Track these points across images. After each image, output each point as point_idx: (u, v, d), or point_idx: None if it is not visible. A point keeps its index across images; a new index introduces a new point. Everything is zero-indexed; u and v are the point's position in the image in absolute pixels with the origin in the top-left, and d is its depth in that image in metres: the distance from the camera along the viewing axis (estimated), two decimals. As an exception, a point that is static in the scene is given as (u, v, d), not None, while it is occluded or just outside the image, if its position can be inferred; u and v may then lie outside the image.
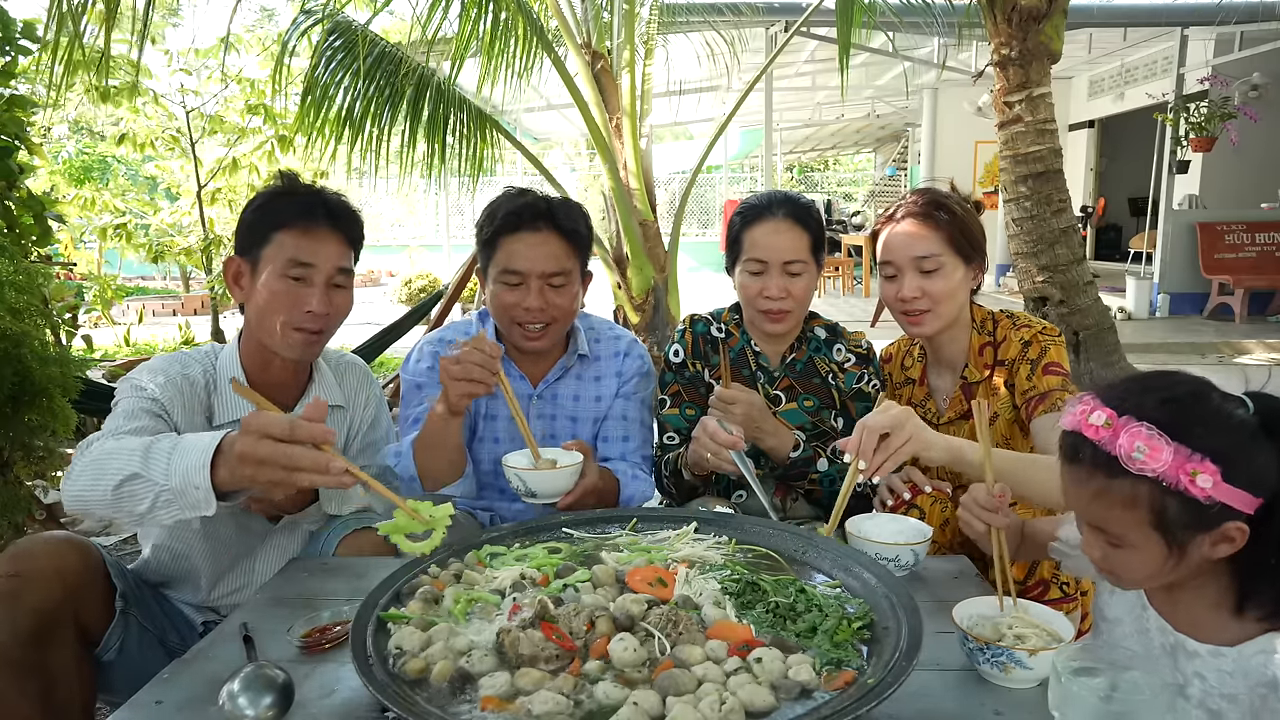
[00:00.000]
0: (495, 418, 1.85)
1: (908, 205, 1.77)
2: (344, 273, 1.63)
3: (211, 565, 1.65)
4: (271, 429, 1.09)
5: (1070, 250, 4.76)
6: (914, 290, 1.72)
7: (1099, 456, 0.98)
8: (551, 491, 1.55)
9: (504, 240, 1.75)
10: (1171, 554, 0.98)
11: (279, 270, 1.56)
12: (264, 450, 1.08)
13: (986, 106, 8.93)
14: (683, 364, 1.93)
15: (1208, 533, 0.96)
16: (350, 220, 1.66)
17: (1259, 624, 1.00)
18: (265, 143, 6.62)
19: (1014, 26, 4.59)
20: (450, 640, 1.04)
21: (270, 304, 1.57)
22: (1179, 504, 0.95)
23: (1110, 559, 1.03)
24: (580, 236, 1.80)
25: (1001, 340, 1.78)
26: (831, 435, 1.89)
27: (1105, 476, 0.98)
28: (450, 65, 3.88)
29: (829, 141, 19.96)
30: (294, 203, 1.61)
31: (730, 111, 5.67)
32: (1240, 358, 7.12)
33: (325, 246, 1.59)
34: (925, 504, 1.63)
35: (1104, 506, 1.00)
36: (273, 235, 1.58)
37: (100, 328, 7.11)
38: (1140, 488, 0.96)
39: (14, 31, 2.99)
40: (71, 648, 1.37)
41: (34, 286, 2.43)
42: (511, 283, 1.74)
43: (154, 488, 1.17)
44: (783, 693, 0.94)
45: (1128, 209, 13.22)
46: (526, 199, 1.78)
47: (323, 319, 1.59)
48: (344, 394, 1.76)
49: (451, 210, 14.48)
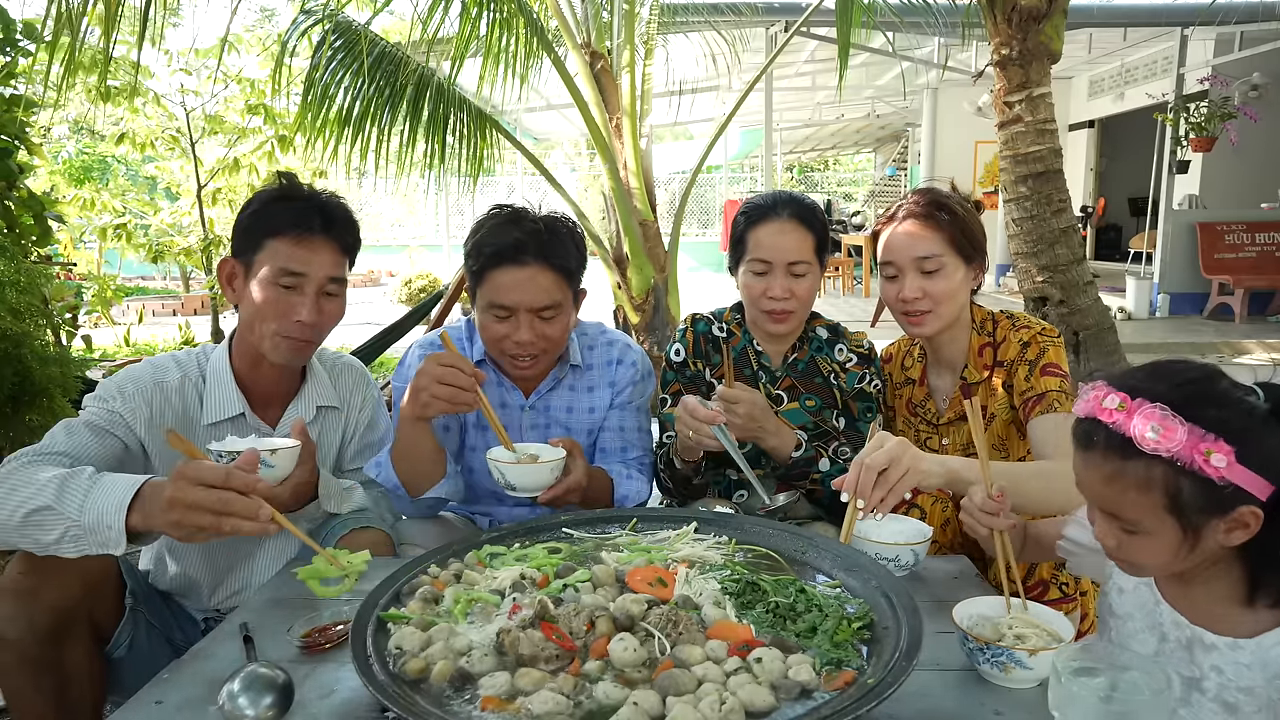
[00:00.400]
0: (486, 429, 1.84)
1: (909, 205, 1.77)
2: (336, 282, 1.62)
3: (210, 574, 1.65)
4: (206, 476, 1.13)
5: (1070, 250, 4.76)
6: (915, 291, 1.72)
7: (1113, 439, 0.98)
8: (531, 486, 1.54)
9: (492, 274, 1.66)
10: (1186, 539, 0.98)
11: (271, 278, 1.55)
12: (197, 496, 1.12)
13: (986, 106, 8.94)
14: (684, 363, 1.93)
15: (1222, 516, 0.97)
16: (346, 227, 1.64)
17: (1271, 612, 1.01)
18: (265, 143, 6.62)
19: (1014, 26, 4.59)
20: (450, 640, 1.04)
21: (261, 310, 1.56)
22: (1193, 486, 0.95)
23: (1125, 547, 1.03)
24: (571, 270, 1.71)
25: (1001, 341, 1.77)
26: (833, 435, 1.89)
27: (1119, 459, 0.98)
28: (450, 65, 3.88)
29: (829, 141, 19.96)
30: (289, 209, 1.58)
31: (730, 111, 5.67)
32: (1240, 358, 7.13)
33: (318, 256, 1.58)
34: (926, 504, 1.63)
35: (1118, 490, 1.00)
36: (266, 242, 1.56)
37: (100, 328, 7.11)
38: (1155, 469, 0.96)
39: (14, 32, 2.99)
40: (85, 645, 1.38)
41: (34, 287, 2.43)
42: (500, 315, 1.68)
43: (64, 521, 1.20)
44: (783, 693, 0.94)
45: (1128, 209, 13.22)
46: (515, 232, 1.65)
47: (312, 328, 1.58)
48: (339, 395, 1.75)
49: (451, 210, 14.47)
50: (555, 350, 1.78)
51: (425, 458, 1.65)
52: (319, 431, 1.70)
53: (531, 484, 1.53)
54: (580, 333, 1.89)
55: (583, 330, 1.90)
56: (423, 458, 1.64)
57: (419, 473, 1.66)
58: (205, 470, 1.15)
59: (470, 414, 1.82)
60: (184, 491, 1.13)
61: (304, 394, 1.69)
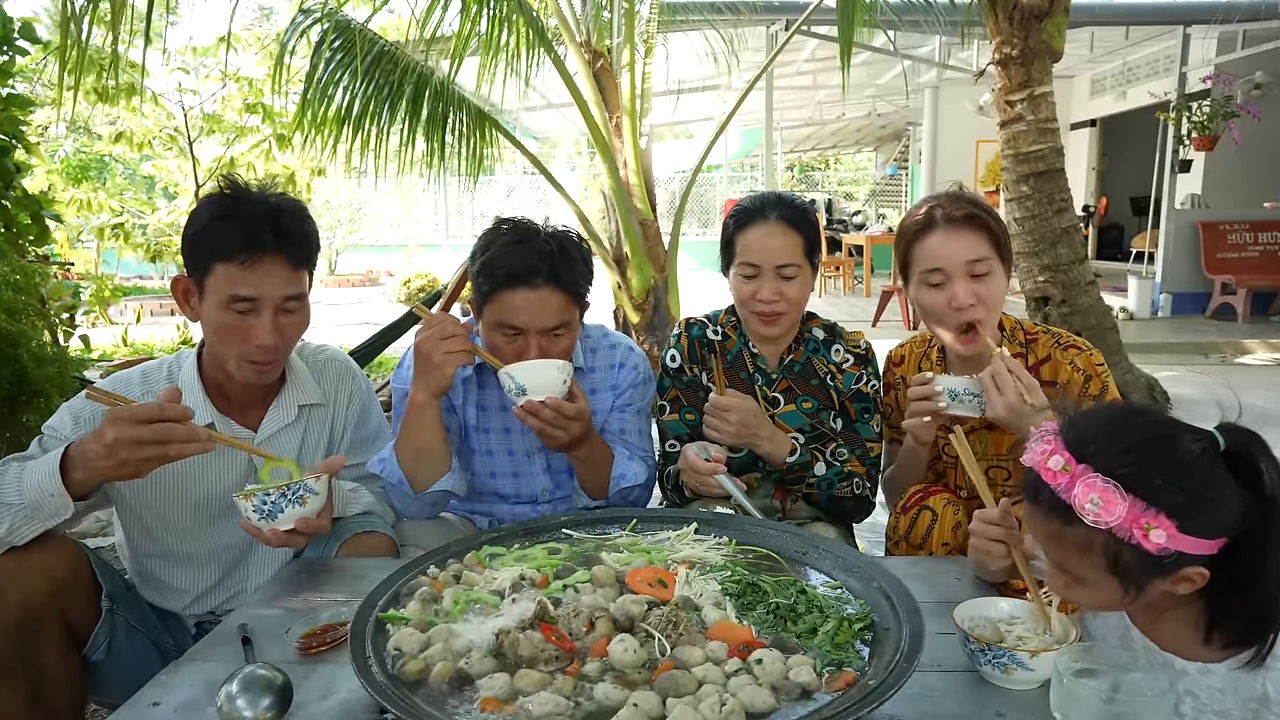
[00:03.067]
0: (487, 431, 1.83)
1: (947, 211, 1.67)
2: (295, 298, 1.52)
3: (195, 584, 1.63)
4: (141, 414, 1.24)
5: (1072, 250, 4.75)
6: (970, 296, 1.62)
7: (1056, 501, 0.97)
8: (542, 386, 1.53)
9: (502, 295, 1.62)
10: (1129, 594, 0.98)
11: (223, 304, 1.46)
12: (139, 432, 1.23)
13: (988, 105, 8.92)
14: (680, 369, 1.91)
15: (1165, 577, 0.96)
16: (299, 240, 1.50)
17: (1230, 650, 1.00)
18: (263, 141, 6.61)
19: (1015, 25, 4.59)
20: (449, 641, 1.03)
21: (219, 336, 1.50)
22: (1133, 553, 0.94)
23: (1073, 592, 1.03)
24: (581, 291, 1.69)
25: (1046, 359, 1.71)
26: (830, 437, 1.88)
27: (1060, 522, 0.97)
28: (450, 64, 3.88)
29: (830, 141, 19.95)
30: (234, 228, 1.44)
31: (730, 110, 5.66)
32: (1243, 358, 7.12)
33: (270, 278, 1.46)
34: (938, 506, 1.62)
35: (1060, 549, 1.00)
36: (214, 265, 1.45)
37: (98, 327, 7.11)
38: (1095, 536, 0.95)
39: (12, 31, 2.99)
40: (58, 646, 1.37)
41: (31, 286, 2.43)
42: (509, 335, 1.66)
43: (9, 511, 1.28)
44: (783, 694, 0.94)
45: (1130, 208, 13.21)
46: (529, 255, 1.61)
47: (273, 350, 1.51)
48: (323, 391, 1.70)
49: (451, 209, 14.48)
50: None
51: (435, 447, 1.64)
52: (303, 430, 1.68)
53: (542, 383, 1.52)
54: (583, 336, 1.88)
55: (585, 333, 1.89)
56: (433, 447, 1.64)
57: (428, 463, 1.64)
58: (139, 409, 1.26)
59: (472, 417, 1.82)
60: (125, 430, 1.23)
61: (285, 394, 1.65)
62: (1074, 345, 1.71)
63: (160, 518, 1.59)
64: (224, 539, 1.61)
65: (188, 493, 1.58)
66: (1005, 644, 1.03)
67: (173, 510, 1.59)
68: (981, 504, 1.33)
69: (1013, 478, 1.75)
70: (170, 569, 1.63)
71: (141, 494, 1.56)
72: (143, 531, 1.60)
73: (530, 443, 1.82)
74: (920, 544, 1.63)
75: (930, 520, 1.62)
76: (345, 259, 17.20)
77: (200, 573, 1.63)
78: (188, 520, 1.60)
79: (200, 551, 1.61)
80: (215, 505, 1.59)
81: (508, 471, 1.84)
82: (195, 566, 1.63)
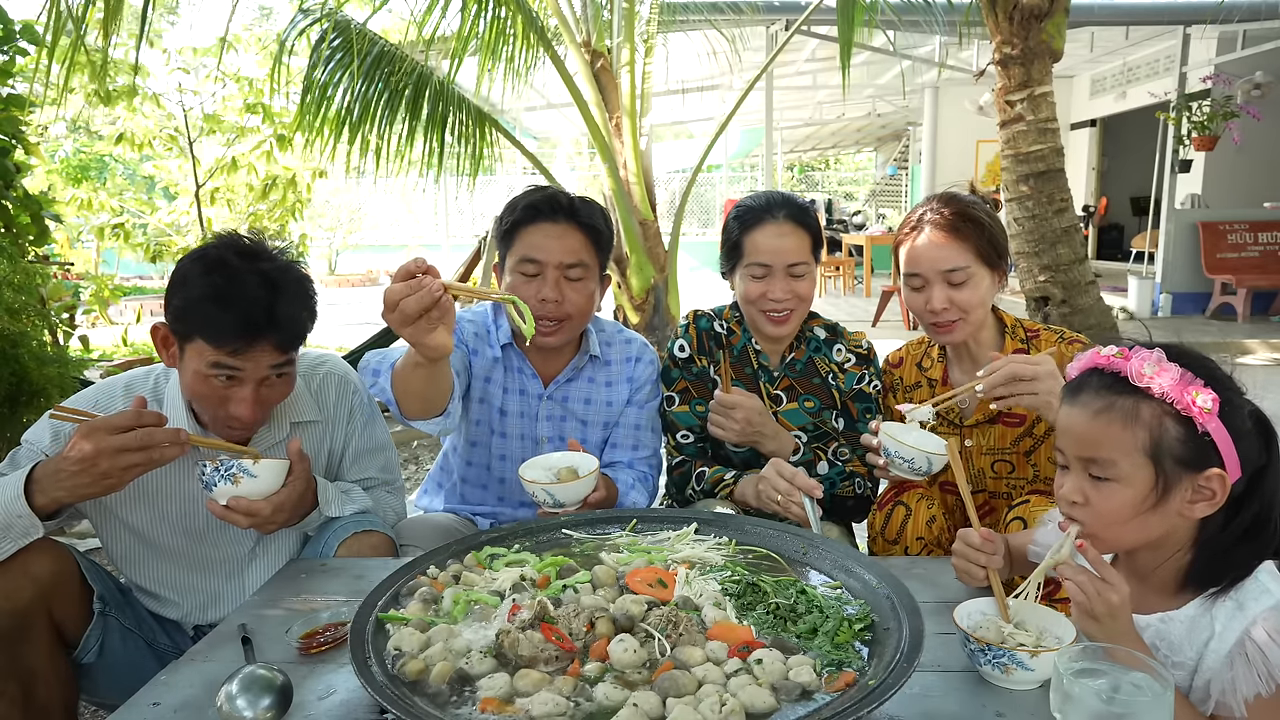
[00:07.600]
0: (505, 413, 1.84)
1: (933, 216, 1.71)
2: (281, 369, 1.44)
3: (193, 596, 1.60)
4: (117, 422, 1.23)
5: (1072, 250, 4.76)
6: (943, 301, 1.69)
7: (1105, 379, 1.05)
8: (577, 499, 1.54)
9: (523, 231, 1.74)
10: (1155, 489, 1.02)
11: (202, 369, 1.38)
12: (118, 441, 1.22)
13: (988, 105, 8.91)
14: (689, 359, 1.91)
15: (1194, 474, 1.01)
16: (294, 328, 1.41)
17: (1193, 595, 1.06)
18: (264, 142, 6.61)
19: (1015, 25, 4.59)
20: (449, 641, 1.03)
21: (195, 396, 1.44)
22: (1176, 431, 1.00)
23: (1091, 499, 1.06)
24: (600, 233, 1.79)
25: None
26: (833, 436, 1.88)
27: (1110, 395, 1.04)
28: (449, 64, 3.88)
29: (830, 140, 19.95)
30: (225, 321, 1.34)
31: (730, 110, 5.66)
32: (1243, 358, 7.12)
33: (257, 362, 1.39)
34: (911, 501, 1.63)
35: (1103, 425, 1.04)
36: (197, 338, 1.37)
37: (98, 327, 7.10)
38: (1143, 406, 1.02)
39: (12, 31, 2.99)
40: (46, 648, 1.37)
41: (31, 286, 2.43)
42: (529, 272, 1.72)
43: None
44: (783, 694, 0.93)
45: (1130, 208, 13.21)
46: (547, 191, 1.79)
47: (251, 420, 1.44)
48: (320, 408, 1.64)
49: (450, 209, 14.47)
50: (579, 320, 1.79)
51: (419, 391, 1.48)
52: None
53: (577, 498, 1.55)
54: (598, 328, 1.91)
55: (600, 326, 1.92)
56: (417, 392, 1.48)
57: (419, 406, 1.52)
58: (114, 418, 1.24)
59: (496, 398, 1.83)
60: (103, 441, 1.21)
61: (276, 412, 1.57)
62: (1077, 340, 1.73)
63: (145, 537, 1.55)
64: (219, 551, 1.58)
65: (170, 508, 1.54)
66: (1005, 644, 1.03)
67: (159, 529, 1.54)
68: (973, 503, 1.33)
69: (1016, 470, 1.76)
70: (166, 585, 1.58)
71: (124, 511, 1.52)
72: (132, 548, 1.56)
73: (543, 431, 1.83)
74: (895, 539, 1.64)
75: (904, 515, 1.63)
76: (345, 259, 17.20)
77: (198, 585, 1.59)
78: (178, 536, 1.55)
79: (195, 564, 1.58)
80: (203, 517, 1.54)
81: (517, 455, 1.82)
82: (192, 580, 1.58)
